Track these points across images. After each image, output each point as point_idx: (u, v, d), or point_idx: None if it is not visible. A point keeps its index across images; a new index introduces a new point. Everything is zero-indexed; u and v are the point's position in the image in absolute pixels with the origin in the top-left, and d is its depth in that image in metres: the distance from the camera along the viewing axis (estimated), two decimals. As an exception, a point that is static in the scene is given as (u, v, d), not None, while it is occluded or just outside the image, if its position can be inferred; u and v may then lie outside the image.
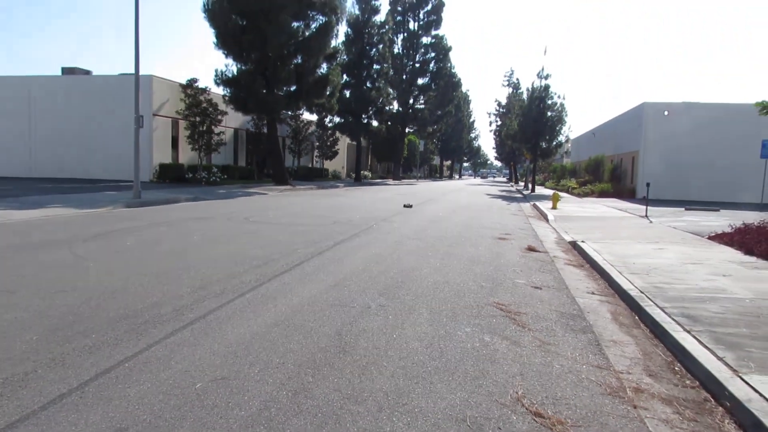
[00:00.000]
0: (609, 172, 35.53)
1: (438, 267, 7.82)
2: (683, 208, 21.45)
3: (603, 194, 31.61)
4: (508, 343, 4.51)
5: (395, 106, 57.77)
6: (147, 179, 28.46)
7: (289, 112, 37.33)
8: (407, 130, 62.31)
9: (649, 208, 18.25)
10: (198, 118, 29.66)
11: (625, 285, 6.59)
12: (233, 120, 34.95)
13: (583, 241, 10.51)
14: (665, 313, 5.31)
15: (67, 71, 34.10)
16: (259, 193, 24.20)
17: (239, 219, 13.19)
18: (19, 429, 2.82)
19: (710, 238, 11.47)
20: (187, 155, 31.86)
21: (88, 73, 34.37)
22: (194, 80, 29.79)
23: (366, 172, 57.56)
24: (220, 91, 30.64)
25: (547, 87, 35.98)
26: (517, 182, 67.00)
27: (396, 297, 5.93)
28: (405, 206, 10.72)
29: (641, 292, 6.18)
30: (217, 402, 3.21)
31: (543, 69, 39.33)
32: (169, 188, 24.17)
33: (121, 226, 11.10)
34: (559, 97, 36.26)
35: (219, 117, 30.34)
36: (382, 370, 3.80)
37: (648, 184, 18.64)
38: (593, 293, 6.69)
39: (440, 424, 3.04)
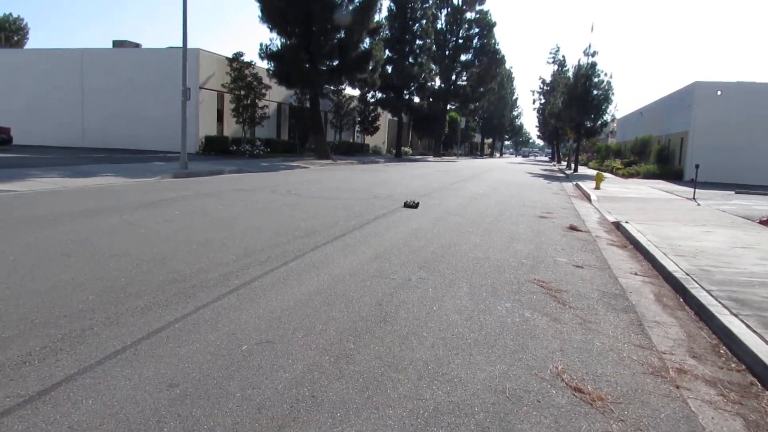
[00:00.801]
0: (656, 153, 34.45)
1: (478, 243, 7.81)
2: (733, 191, 20.70)
3: (649, 176, 30.72)
4: (549, 320, 4.50)
5: (437, 82, 57.21)
6: (193, 151, 29.10)
7: (332, 87, 37.39)
8: (449, 106, 61.67)
9: (697, 190, 17.67)
10: (243, 92, 30.04)
11: (670, 267, 6.45)
12: (277, 94, 35.24)
13: (626, 222, 10.29)
14: (712, 296, 5.19)
15: (117, 44, 34.94)
16: (300, 167, 24.47)
17: (282, 191, 13.40)
18: (77, 381, 2.99)
19: (761, 222, 11.07)
20: (231, 128, 32.38)
21: (137, 46, 35.13)
22: (240, 54, 30.08)
23: (406, 149, 57.38)
24: (264, 65, 30.89)
25: (593, 65, 34.96)
26: (559, 162, 65.68)
27: (436, 271, 5.96)
28: (407, 205, 9.23)
29: (687, 275, 6.04)
30: (263, 364, 3.32)
31: (590, 46, 38.37)
32: (214, 160, 24.66)
33: (170, 196, 11.43)
34: (605, 75, 35.21)
35: (263, 91, 30.64)
36: (422, 340, 3.86)
37: (697, 166, 18.01)
38: (636, 274, 6.58)
39: (479, 394, 3.08)
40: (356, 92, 44.43)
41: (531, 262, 6.77)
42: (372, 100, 46.95)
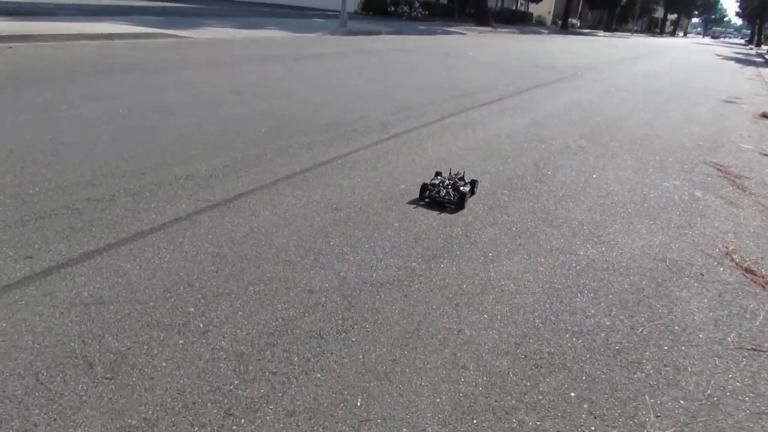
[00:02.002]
0: None
1: (648, 120, 7.15)
2: None
3: None
4: (723, 202, 4.11)
5: (622, -58, 50.06)
6: (352, 10, 28.99)
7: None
8: (631, -27, 54.29)
9: None
10: (404, -52, 28.73)
11: None
12: (439, -48, 33.27)
13: (837, 115, 8.75)
14: None
15: None
16: (458, 33, 23.50)
17: (439, 54, 13.07)
18: (255, 196, 3.32)
19: None
20: (390, -12, 31.51)
21: None
22: None
23: (574, 20, 52.35)
24: None
25: None
26: (759, 45, 56.32)
27: (598, 142, 5.61)
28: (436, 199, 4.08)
29: None
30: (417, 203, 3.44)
31: None
32: (372, 20, 24.48)
33: (329, 51, 11.67)
34: None
35: (425, -53, 29.06)
36: (579, 203, 3.73)
37: None
38: (840, 170, 5.68)
39: (636, 259, 2.97)
40: (526, -48, 40.52)
41: (709, 145, 6.09)
42: (543, -38, 42.65)
